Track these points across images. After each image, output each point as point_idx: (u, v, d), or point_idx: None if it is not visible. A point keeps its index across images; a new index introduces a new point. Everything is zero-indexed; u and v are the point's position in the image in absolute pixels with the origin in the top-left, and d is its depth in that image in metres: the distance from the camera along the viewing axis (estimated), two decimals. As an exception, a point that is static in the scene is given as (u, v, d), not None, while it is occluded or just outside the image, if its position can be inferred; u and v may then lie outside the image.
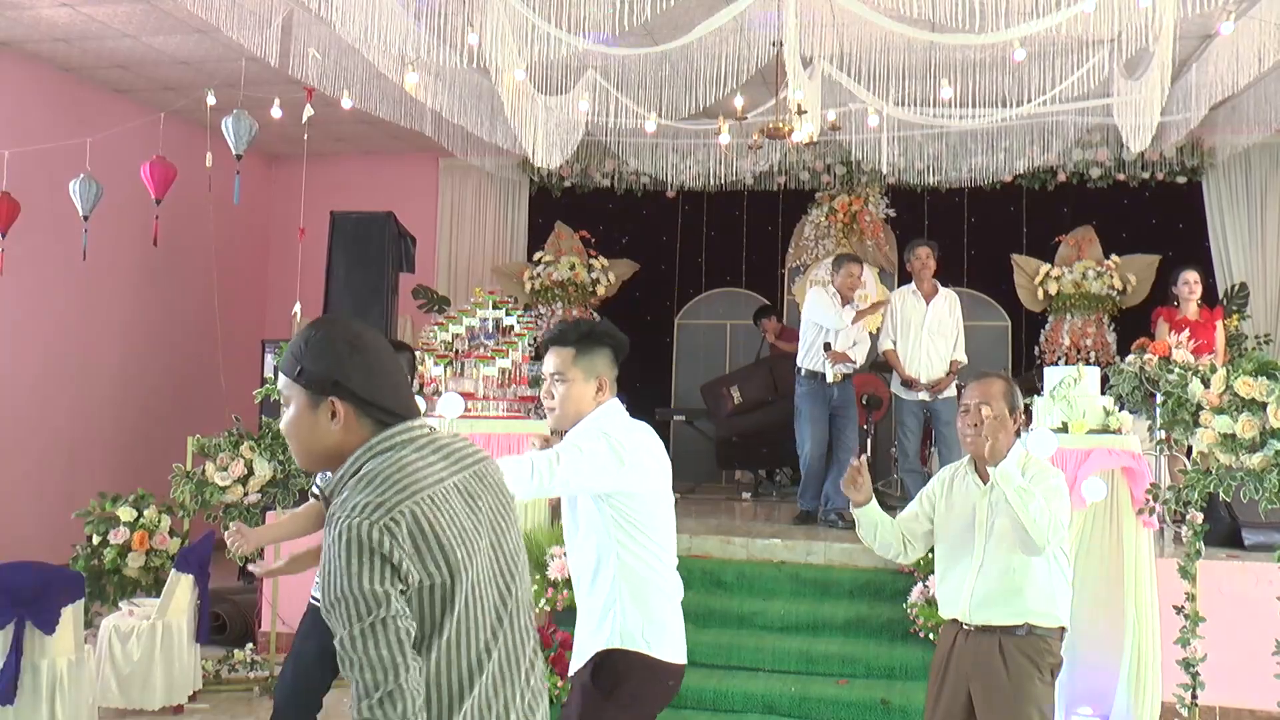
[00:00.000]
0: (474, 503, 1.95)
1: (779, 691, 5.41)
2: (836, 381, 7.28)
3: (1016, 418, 3.49)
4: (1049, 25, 5.65)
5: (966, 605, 3.47)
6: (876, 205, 10.42)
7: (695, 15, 6.23)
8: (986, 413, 3.41)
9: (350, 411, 1.94)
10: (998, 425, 3.38)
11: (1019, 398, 3.53)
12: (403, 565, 1.80)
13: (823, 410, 7.36)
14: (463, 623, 1.88)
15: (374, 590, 1.77)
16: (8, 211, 7.39)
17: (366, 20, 5.96)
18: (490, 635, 1.93)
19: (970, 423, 3.48)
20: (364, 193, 10.62)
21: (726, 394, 9.71)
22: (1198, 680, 5.03)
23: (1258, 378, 5.03)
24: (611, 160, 10.53)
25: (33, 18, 7.71)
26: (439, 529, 1.84)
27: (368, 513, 1.80)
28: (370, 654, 1.77)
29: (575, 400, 3.02)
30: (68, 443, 8.98)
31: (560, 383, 3.02)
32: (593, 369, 3.03)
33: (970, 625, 3.47)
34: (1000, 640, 3.41)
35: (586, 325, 3.09)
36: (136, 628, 5.50)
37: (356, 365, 1.94)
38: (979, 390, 3.49)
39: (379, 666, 1.77)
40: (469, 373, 6.43)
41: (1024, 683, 3.36)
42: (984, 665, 3.42)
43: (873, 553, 6.43)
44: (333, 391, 1.93)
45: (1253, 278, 9.57)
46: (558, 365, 3.03)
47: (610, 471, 2.89)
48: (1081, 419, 5.31)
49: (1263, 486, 4.98)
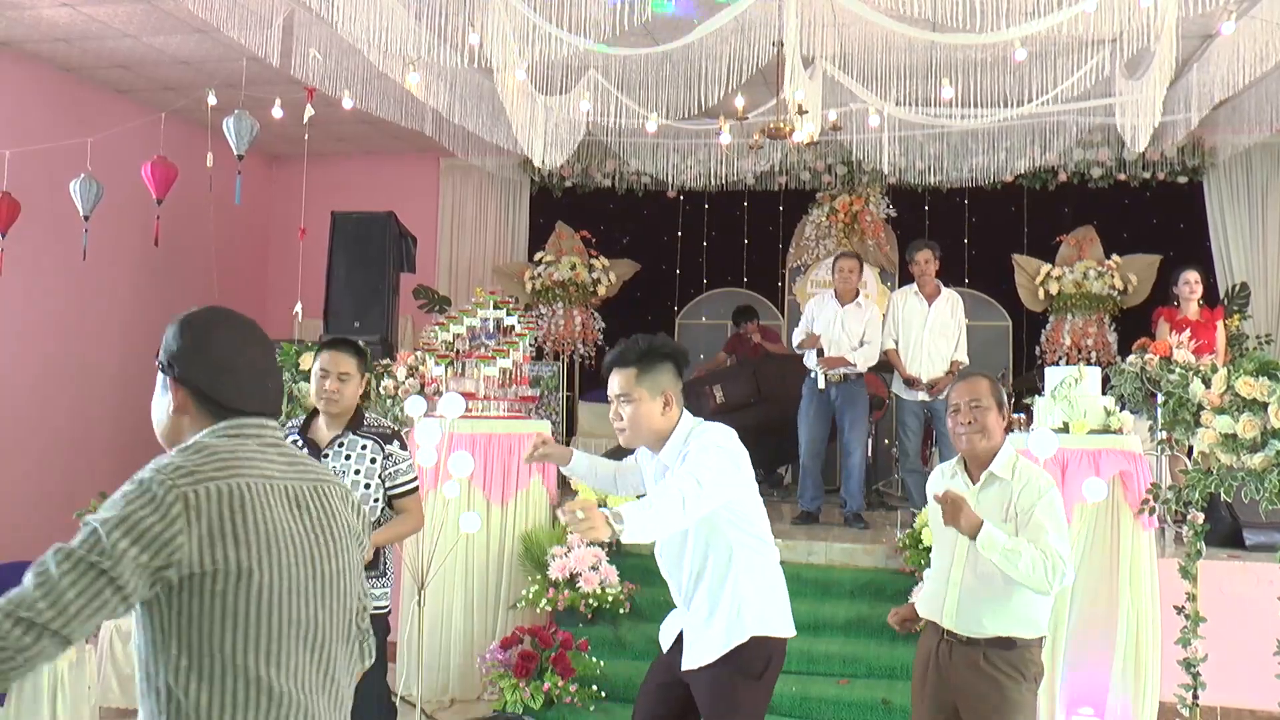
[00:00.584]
0: (299, 510, 1.87)
1: (780, 691, 5.38)
2: (836, 382, 7.21)
3: (1004, 414, 3.48)
4: (1050, 25, 5.64)
5: (946, 611, 3.43)
6: (877, 205, 10.41)
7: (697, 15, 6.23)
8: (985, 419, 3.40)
9: (189, 400, 1.95)
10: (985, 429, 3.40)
11: (1004, 393, 3.53)
12: (175, 543, 1.70)
13: (820, 410, 7.28)
14: (247, 626, 1.75)
15: (118, 545, 1.67)
16: (8, 211, 7.39)
17: (368, 20, 5.96)
18: (282, 647, 1.79)
19: (962, 421, 3.45)
20: (365, 193, 10.63)
21: (709, 392, 9.74)
22: (1199, 680, 5.03)
23: (1259, 378, 5.03)
24: (612, 160, 10.53)
25: (33, 18, 7.71)
26: (243, 516, 1.76)
27: (173, 473, 1.75)
28: (61, 585, 1.66)
29: (645, 418, 3.06)
30: (68, 443, 8.98)
31: (627, 403, 3.06)
32: (657, 386, 3.07)
33: (952, 635, 3.42)
34: (985, 653, 3.35)
35: (645, 343, 3.11)
36: (137, 628, 5.50)
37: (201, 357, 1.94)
38: (966, 389, 3.48)
39: (53, 600, 1.65)
40: (470, 373, 6.43)
41: (1011, 695, 3.32)
42: (970, 681, 3.36)
43: (874, 553, 6.47)
44: (176, 377, 1.95)
45: (1253, 277, 9.57)
46: (622, 386, 3.06)
47: (734, 479, 3.01)
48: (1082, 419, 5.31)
49: (1263, 486, 4.98)
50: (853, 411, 7.28)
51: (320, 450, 3.76)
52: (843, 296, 7.36)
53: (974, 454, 3.46)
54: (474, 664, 5.83)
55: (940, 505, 3.24)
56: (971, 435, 3.43)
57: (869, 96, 7.28)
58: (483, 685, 5.84)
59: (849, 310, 7.30)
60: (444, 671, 5.94)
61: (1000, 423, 3.44)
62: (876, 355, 7.35)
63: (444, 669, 5.94)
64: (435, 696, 5.87)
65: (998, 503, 3.37)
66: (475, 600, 6.01)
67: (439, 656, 5.93)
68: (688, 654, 3.13)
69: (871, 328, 7.33)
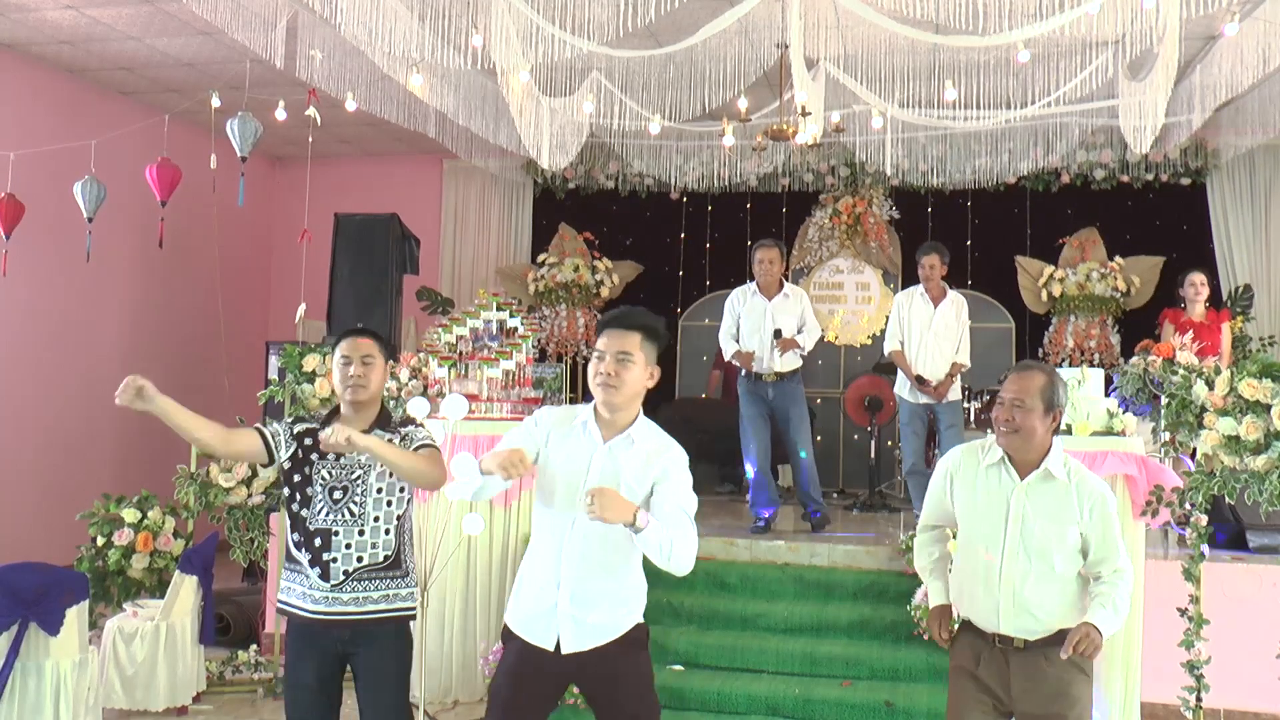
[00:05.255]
0: None
1: (783, 693, 5.41)
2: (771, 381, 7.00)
3: (1056, 415, 3.30)
4: (1053, 27, 5.64)
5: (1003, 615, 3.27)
6: (880, 207, 10.42)
7: (699, 17, 6.23)
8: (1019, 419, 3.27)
9: None
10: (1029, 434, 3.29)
11: (1061, 393, 3.32)
12: None
13: (759, 411, 7.09)
14: None
15: None
16: (12, 213, 7.40)
17: (371, 22, 5.97)
18: None
19: (1003, 418, 3.29)
20: (368, 194, 10.65)
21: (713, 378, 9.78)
22: (1202, 682, 5.02)
23: (1262, 380, 5.02)
24: (615, 162, 10.53)
25: (37, 20, 7.73)
26: None
27: None
28: None
29: (635, 382, 3.16)
30: (72, 444, 9.00)
31: (626, 363, 3.14)
32: (652, 357, 3.20)
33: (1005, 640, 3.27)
34: (1046, 655, 3.22)
35: (650, 317, 3.25)
36: (140, 629, 5.51)
37: None
38: (1014, 384, 3.30)
39: None
40: (473, 374, 6.43)
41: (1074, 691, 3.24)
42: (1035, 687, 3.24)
43: (876, 555, 6.46)
44: None
45: (1257, 280, 9.56)
46: (625, 345, 3.14)
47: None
48: (1086, 421, 5.31)
49: (1266, 489, 4.98)
50: (796, 409, 7.08)
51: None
52: (767, 290, 7.13)
53: (1011, 451, 3.33)
54: (477, 665, 5.83)
55: (1077, 651, 3.13)
56: (1008, 435, 3.29)
57: (872, 98, 7.28)
58: (485, 687, 5.83)
59: (777, 303, 7.08)
60: (446, 673, 5.94)
61: (1046, 426, 3.28)
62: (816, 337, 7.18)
63: (446, 670, 5.94)
64: (438, 698, 5.87)
65: (1055, 500, 3.27)
66: (478, 602, 6.01)
67: (441, 658, 5.93)
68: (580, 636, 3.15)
69: (807, 314, 7.12)
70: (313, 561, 3.51)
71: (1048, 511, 3.26)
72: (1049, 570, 3.25)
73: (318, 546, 3.51)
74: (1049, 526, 3.26)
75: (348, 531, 3.50)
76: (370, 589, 3.53)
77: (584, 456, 3.16)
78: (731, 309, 7.22)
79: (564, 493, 3.16)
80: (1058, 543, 3.26)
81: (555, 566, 3.16)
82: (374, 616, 3.52)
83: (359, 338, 3.70)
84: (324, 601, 3.50)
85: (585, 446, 3.18)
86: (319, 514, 3.54)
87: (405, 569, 3.62)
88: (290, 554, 3.60)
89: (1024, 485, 3.30)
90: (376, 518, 3.55)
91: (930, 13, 5.57)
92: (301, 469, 3.60)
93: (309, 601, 3.52)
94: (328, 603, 3.50)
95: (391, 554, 3.58)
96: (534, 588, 3.22)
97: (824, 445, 9.93)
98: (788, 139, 6.62)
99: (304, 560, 3.53)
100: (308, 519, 3.54)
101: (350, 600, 3.50)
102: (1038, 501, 3.28)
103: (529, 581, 3.24)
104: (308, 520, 3.54)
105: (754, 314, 7.10)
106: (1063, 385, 3.36)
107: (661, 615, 6.12)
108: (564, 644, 3.14)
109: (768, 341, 7.00)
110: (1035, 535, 3.27)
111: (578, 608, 3.14)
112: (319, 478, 3.56)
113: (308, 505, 3.56)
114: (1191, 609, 5.07)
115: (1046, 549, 3.26)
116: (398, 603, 3.58)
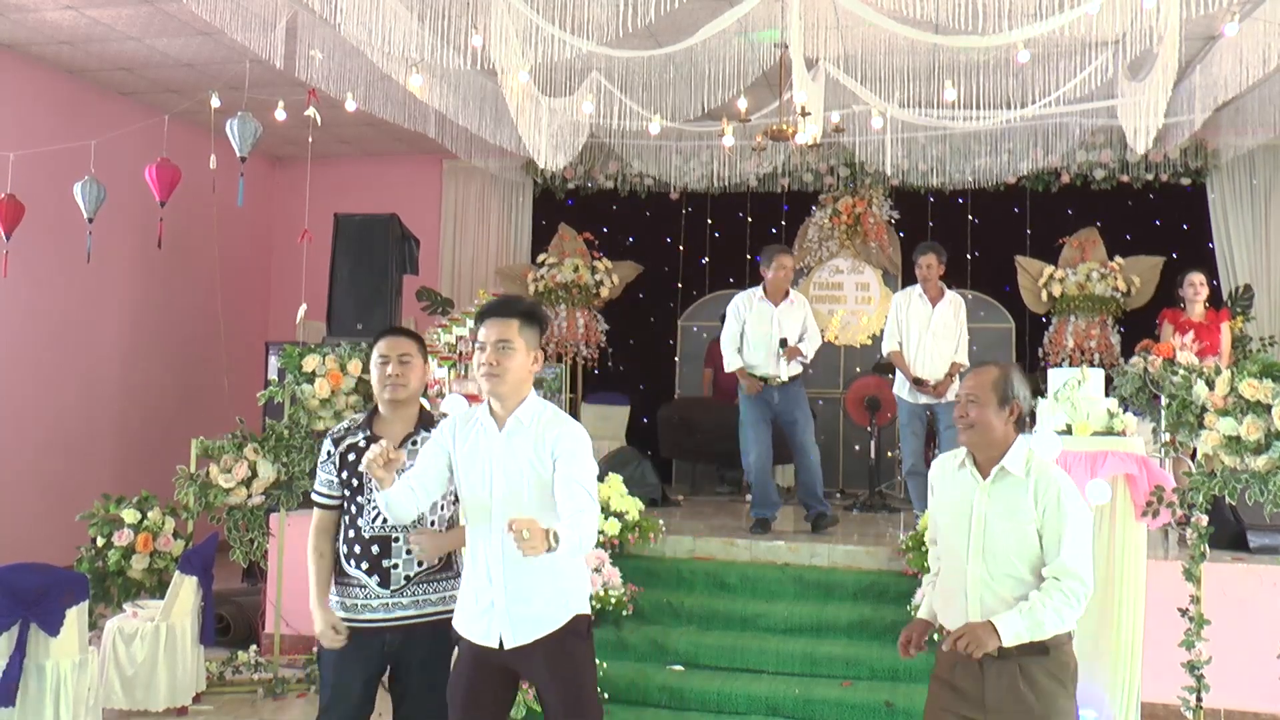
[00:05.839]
0: None
1: (783, 694, 5.41)
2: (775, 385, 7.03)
3: (1014, 409, 3.23)
4: (1053, 27, 5.64)
5: (965, 618, 3.17)
6: (880, 207, 10.42)
7: (699, 18, 6.23)
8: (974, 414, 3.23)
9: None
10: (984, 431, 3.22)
11: (1016, 387, 3.26)
12: None
13: (761, 414, 7.12)
14: None
15: None
16: (12, 213, 7.40)
17: (370, 22, 5.97)
18: None
19: (958, 414, 3.28)
20: (368, 195, 10.65)
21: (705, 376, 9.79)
22: (1202, 683, 5.02)
23: (1263, 380, 5.02)
24: (615, 162, 10.53)
25: (37, 20, 7.73)
26: None
27: None
28: None
29: (518, 369, 3.18)
30: (72, 444, 8.99)
31: (506, 350, 3.15)
32: (532, 342, 3.22)
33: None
34: (1020, 665, 3.10)
35: (527, 302, 3.32)
36: (140, 629, 5.51)
37: None
38: (968, 381, 3.30)
39: None
40: (472, 374, 6.43)
41: (1053, 705, 3.12)
42: (1010, 701, 3.11)
43: (876, 555, 6.45)
44: None
45: (1257, 279, 9.56)
46: (504, 334, 3.16)
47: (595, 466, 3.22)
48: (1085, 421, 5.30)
49: (1267, 489, 4.97)
50: (801, 411, 7.13)
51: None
52: (775, 296, 7.17)
53: (972, 448, 3.29)
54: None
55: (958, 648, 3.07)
56: (965, 432, 3.26)
57: (872, 98, 7.28)
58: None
59: (783, 309, 7.13)
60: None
61: (1004, 420, 3.23)
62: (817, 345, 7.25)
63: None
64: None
65: (1012, 498, 3.18)
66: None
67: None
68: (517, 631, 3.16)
69: (809, 321, 7.20)
70: (370, 570, 3.49)
71: (1007, 511, 3.18)
72: (1012, 574, 3.15)
73: (376, 554, 3.49)
74: (1008, 526, 3.17)
75: (406, 537, 3.49)
76: (429, 591, 3.52)
77: (485, 449, 3.20)
78: (737, 314, 7.22)
79: (477, 489, 3.19)
80: (1018, 544, 3.15)
81: (486, 565, 3.18)
82: (433, 619, 3.50)
83: (396, 337, 3.70)
84: (383, 609, 3.49)
85: (484, 440, 3.21)
86: (374, 521, 3.51)
87: (457, 569, 3.59)
88: (341, 569, 3.55)
89: (985, 485, 3.23)
90: (432, 521, 3.54)
91: (930, 13, 5.57)
92: (351, 480, 3.56)
93: (366, 612, 3.49)
94: (387, 609, 3.48)
95: (445, 556, 3.57)
96: (472, 588, 3.24)
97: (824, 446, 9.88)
98: (788, 139, 6.62)
99: (358, 572, 3.51)
100: (363, 527, 3.52)
101: (411, 604, 3.50)
102: (998, 501, 3.20)
103: (468, 581, 3.27)
104: (363, 529, 3.52)
105: (761, 320, 7.12)
106: (1021, 379, 3.30)
107: (661, 615, 6.12)
108: (505, 640, 3.16)
109: (774, 347, 7.03)
110: (996, 536, 3.18)
111: (514, 603, 3.15)
112: (369, 485, 3.49)
113: (361, 513, 3.53)
114: (1192, 609, 5.06)
115: (1008, 551, 3.16)
116: (451, 603, 3.50)
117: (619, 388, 10.67)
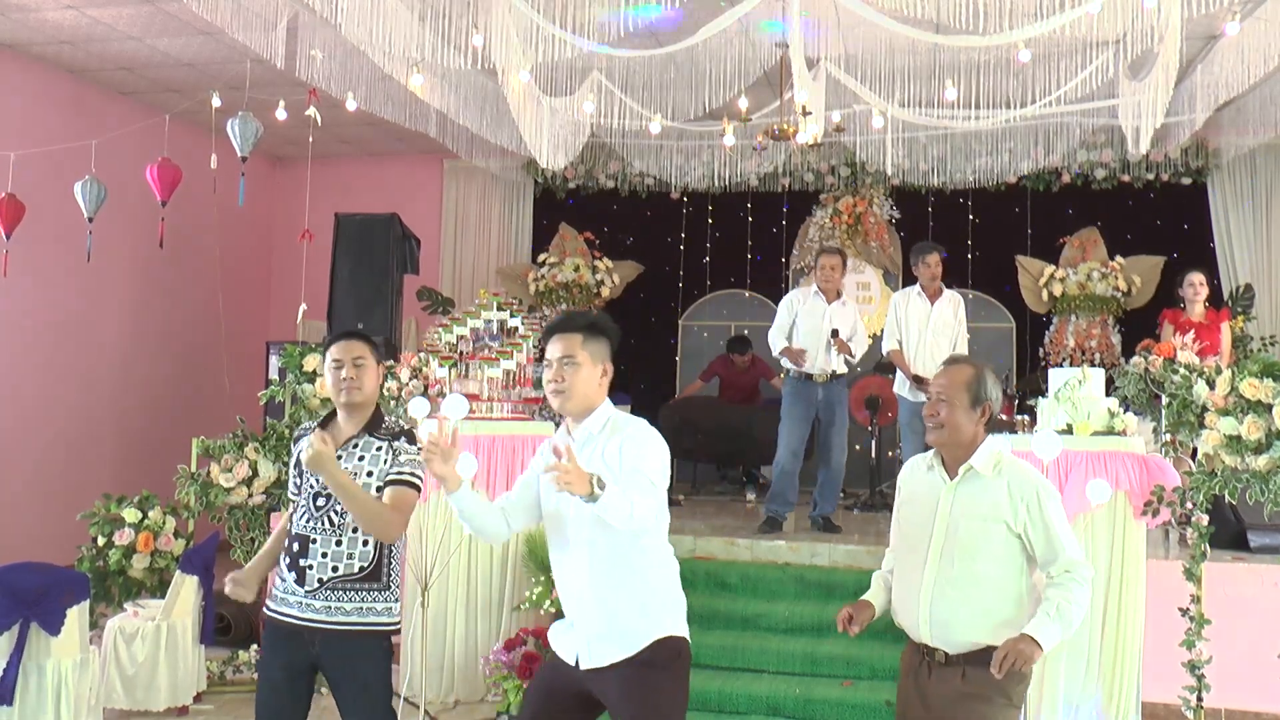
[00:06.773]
0: None
1: (783, 693, 5.41)
2: (822, 381, 7.11)
3: (985, 409, 3.17)
4: (1053, 27, 5.64)
5: (921, 621, 3.14)
6: (881, 207, 10.42)
7: (700, 17, 6.23)
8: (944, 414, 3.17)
9: None
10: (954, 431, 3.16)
11: (989, 388, 3.20)
12: None
13: (804, 412, 7.15)
14: None
15: None
16: (13, 213, 7.40)
17: (371, 22, 5.97)
18: None
19: (928, 413, 3.22)
20: (368, 194, 10.65)
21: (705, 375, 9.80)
22: (1203, 682, 5.02)
23: (1263, 379, 5.02)
24: (616, 162, 10.54)
25: (38, 20, 7.73)
26: None
27: None
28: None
29: (585, 383, 3.12)
30: (73, 444, 9.00)
31: (571, 366, 3.11)
32: (598, 355, 3.16)
33: (929, 650, 3.15)
34: (965, 673, 3.07)
35: (591, 316, 3.26)
36: (141, 629, 5.51)
37: None
38: (938, 378, 3.25)
39: None
40: (473, 374, 6.44)
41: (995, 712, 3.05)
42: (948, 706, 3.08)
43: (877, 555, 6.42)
44: None
45: (1258, 279, 9.56)
46: (568, 349, 3.11)
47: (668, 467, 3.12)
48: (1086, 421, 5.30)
49: (1268, 489, 4.97)
50: (841, 410, 7.22)
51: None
52: (828, 294, 7.26)
53: (941, 448, 3.23)
54: (477, 665, 5.82)
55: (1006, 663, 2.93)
56: (934, 431, 3.20)
57: (873, 98, 7.28)
58: (486, 687, 5.84)
59: (835, 309, 7.22)
60: (447, 673, 5.94)
61: (974, 421, 3.16)
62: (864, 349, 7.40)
63: (447, 670, 5.94)
64: (439, 698, 5.87)
65: (980, 498, 3.13)
66: (478, 602, 6.01)
67: (442, 658, 5.93)
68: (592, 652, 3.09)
69: (858, 323, 7.35)
70: (290, 565, 3.49)
71: (975, 511, 3.12)
72: (971, 575, 3.10)
73: (295, 551, 3.48)
74: (976, 527, 3.11)
75: (325, 540, 3.46)
76: (344, 599, 3.45)
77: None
78: (789, 307, 7.33)
79: (553, 504, 3.15)
80: (983, 543, 3.10)
81: (566, 582, 3.18)
82: (345, 628, 3.44)
83: (349, 341, 3.69)
84: (297, 606, 3.46)
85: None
86: (301, 519, 3.52)
87: (385, 582, 3.52)
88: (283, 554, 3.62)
89: (952, 485, 3.18)
90: (355, 529, 3.47)
91: (930, 13, 5.57)
92: (295, 474, 3.63)
93: (284, 605, 3.49)
94: (300, 608, 3.45)
95: (370, 566, 3.48)
96: (564, 603, 3.23)
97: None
98: (788, 139, 6.62)
99: (282, 566, 3.54)
100: (295, 523, 3.55)
101: (322, 609, 3.43)
102: (965, 501, 3.14)
103: (561, 597, 3.25)
104: (294, 525, 3.55)
105: (814, 315, 7.20)
106: (994, 380, 3.24)
107: (662, 615, 6.12)
108: (582, 659, 3.11)
109: (824, 343, 7.10)
110: (961, 536, 3.12)
111: (590, 623, 3.10)
112: (306, 484, 3.53)
113: (296, 510, 3.57)
114: (1193, 609, 5.06)
115: (971, 551, 3.10)
116: (372, 616, 3.46)
117: (620, 387, 10.64)
